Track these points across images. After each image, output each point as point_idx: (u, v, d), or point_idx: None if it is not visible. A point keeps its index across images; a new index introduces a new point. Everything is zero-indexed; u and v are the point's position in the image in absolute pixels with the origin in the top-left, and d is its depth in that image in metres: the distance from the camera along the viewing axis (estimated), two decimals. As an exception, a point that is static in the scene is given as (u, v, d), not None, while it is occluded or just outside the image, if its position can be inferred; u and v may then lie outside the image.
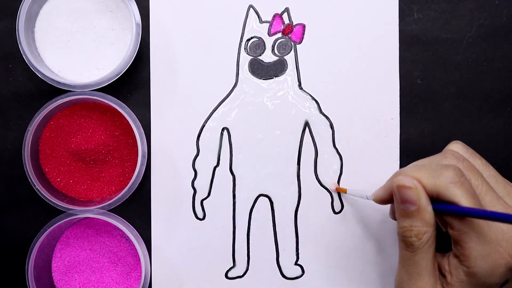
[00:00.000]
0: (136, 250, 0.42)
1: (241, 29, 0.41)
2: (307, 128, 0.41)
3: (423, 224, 0.30)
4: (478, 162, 0.34)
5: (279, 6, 0.42)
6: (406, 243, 0.31)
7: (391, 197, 0.33)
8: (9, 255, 0.42)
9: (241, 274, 0.42)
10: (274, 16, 0.42)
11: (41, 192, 0.40)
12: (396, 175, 0.31)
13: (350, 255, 0.41)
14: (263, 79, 0.41)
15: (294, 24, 0.41)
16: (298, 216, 0.42)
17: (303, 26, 0.42)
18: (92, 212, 0.40)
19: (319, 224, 0.42)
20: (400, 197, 0.30)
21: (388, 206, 0.39)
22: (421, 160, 0.33)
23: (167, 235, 0.42)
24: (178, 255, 0.42)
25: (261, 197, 0.42)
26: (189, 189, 0.42)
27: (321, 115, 0.41)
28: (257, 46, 0.41)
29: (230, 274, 0.42)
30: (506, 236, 0.30)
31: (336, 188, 0.41)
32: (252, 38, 0.41)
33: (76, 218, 0.42)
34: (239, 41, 0.42)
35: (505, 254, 0.29)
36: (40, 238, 0.40)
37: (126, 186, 0.40)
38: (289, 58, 0.41)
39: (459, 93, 0.41)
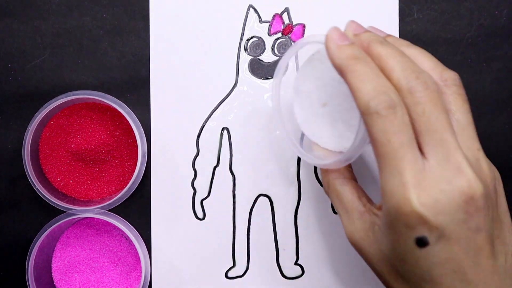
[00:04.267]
0: (136, 250, 0.42)
1: (241, 29, 0.42)
2: (307, 128, 0.41)
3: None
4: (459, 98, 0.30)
5: (279, 6, 0.42)
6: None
7: None
8: (9, 255, 0.42)
9: (241, 274, 0.42)
10: (274, 16, 0.42)
11: (41, 192, 0.40)
12: None
13: (350, 255, 0.42)
14: (263, 79, 0.41)
15: (294, 24, 0.41)
16: (298, 216, 0.42)
17: (303, 26, 0.42)
18: (92, 212, 0.40)
19: (319, 224, 0.42)
20: None
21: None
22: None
23: (167, 235, 0.42)
24: (178, 255, 0.42)
25: (261, 197, 0.42)
26: (189, 189, 0.42)
27: (321, 115, 0.41)
28: (257, 46, 0.42)
29: (230, 274, 0.42)
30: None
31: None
32: (252, 38, 0.41)
33: (76, 218, 0.42)
34: (239, 41, 0.42)
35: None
36: (40, 238, 0.40)
37: (126, 186, 0.41)
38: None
39: (459, 93, 0.41)
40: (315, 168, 0.42)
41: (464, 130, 0.29)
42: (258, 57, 0.41)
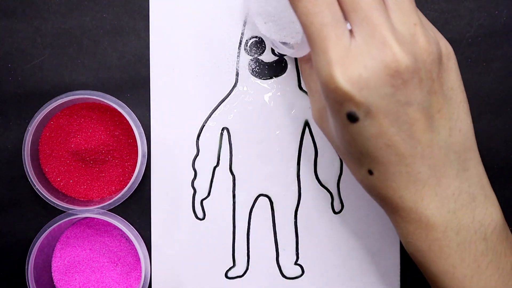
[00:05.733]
0: (136, 250, 0.42)
1: (241, 29, 0.42)
2: (307, 128, 0.42)
3: None
4: None
5: (279, 6, 0.41)
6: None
7: None
8: (9, 255, 0.42)
9: (241, 274, 0.42)
10: (274, 16, 0.42)
11: (41, 192, 0.40)
12: None
13: (350, 255, 0.42)
14: (263, 79, 0.42)
15: (294, 24, 0.41)
16: (298, 216, 0.42)
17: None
18: (92, 212, 0.40)
19: (319, 224, 0.42)
20: None
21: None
22: None
23: (167, 235, 0.42)
24: (178, 255, 0.42)
25: (261, 197, 0.42)
26: (189, 189, 0.42)
27: (321, 115, 0.41)
28: (257, 46, 0.41)
29: (230, 274, 0.42)
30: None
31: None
32: (252, 38, 0.41)
33: (76, 218, 0.42)
34: (239, 41, 0.42)
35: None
36: (40, 238, 0.40)
37: (126, 186, 0.41)
38: (289, 58, 0.41)
39: (459, 93, 0.41)
40: (315, 167, 0.42)
41: (399, 5, 0.28)
42: (258, 57, 0.41)
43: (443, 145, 0.29)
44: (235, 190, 0.42)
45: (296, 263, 0.42)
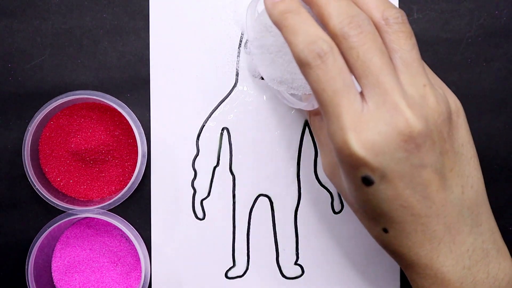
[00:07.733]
0: (136, 250, 0.42)
1: (241, 28, 0.41)
2: (307, 128, 0.42)
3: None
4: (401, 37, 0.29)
5: (279, 6, 0.41)
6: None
7: None
8: (9, 255, 0.42)
9: (241, 274, 0.42)
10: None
11: (41, 192, 0.40)
12: None
13: (350, 255, 0.42)
14: (263, 79, 0.41)
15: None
16: (298, 216, 0.42)
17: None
18: (92, 212, 0.40)
19: (319, 224, 0.42)
20: None
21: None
22: None
23: (167, 235, 0.42)
24: (178, 255, 0.42)
25: (261, 197, 0.42)
26: (189, 189, 0.42)
27: (321, 115, 0.41)
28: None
29: (230, 274, 0.42)
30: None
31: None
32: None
33: (76, 218, 0.42)
34: (239, 41, 0.42)
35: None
36: (40, 238, 0.40)
37: (126, 186, 0.41)
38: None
39: (458, 93, 0.41)
40: (315, 167, 0.42)
41: (408, 68, 0.28)
42: (258, 57, 0.41)
43: (456, 202, 0.30)
44: (235, 190, 0.42)
45: (296, 263, 0.42)
